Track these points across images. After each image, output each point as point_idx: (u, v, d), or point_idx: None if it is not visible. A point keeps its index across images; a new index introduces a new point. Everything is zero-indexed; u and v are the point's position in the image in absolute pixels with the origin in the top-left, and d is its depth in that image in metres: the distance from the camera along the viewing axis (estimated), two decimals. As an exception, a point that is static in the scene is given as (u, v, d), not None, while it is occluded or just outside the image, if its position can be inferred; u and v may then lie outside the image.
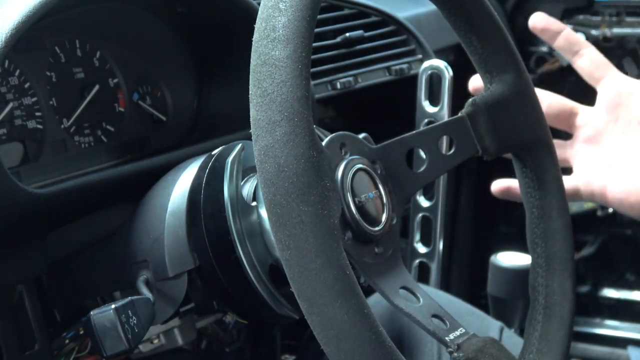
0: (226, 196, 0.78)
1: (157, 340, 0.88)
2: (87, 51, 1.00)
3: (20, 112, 0.92)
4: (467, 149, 0.73)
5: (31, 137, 0.92)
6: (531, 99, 0.82)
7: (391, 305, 0.66)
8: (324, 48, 1.26)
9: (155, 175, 0.88)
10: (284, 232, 0.56)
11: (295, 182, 0.56)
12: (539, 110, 0.82)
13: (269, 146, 0.57)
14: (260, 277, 0.77)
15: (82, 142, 0.98)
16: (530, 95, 0.82)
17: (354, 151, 0.70)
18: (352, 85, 1.24)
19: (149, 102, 1.05)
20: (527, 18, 1.04)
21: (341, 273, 0.57)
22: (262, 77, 0.58)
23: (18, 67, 0.92)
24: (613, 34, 2.00)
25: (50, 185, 0.85)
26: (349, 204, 0.67)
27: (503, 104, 0.79)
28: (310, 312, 0.57)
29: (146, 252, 0.83)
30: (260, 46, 0.59)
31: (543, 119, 0.83)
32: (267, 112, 0.57)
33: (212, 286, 0.81)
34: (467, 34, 0.79)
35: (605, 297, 2.07)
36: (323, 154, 0.59)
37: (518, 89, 0.80)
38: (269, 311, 0.79)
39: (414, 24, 1.41)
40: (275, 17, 0.59)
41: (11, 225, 0.81)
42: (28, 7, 0.81)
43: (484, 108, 0.78)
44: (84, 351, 0.83)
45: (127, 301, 0.77)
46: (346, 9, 1.35)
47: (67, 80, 0.97)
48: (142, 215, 0.85)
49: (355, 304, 0.57)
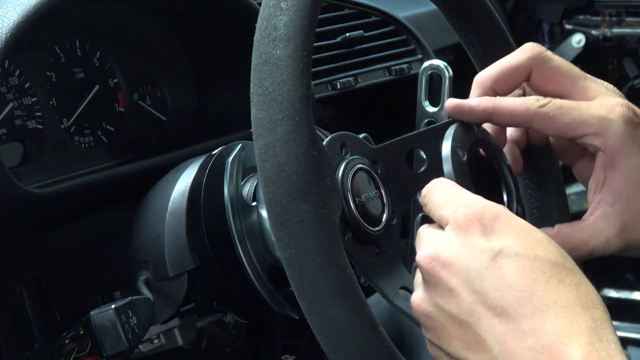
0: (226, 196, 0.78)
1: (157, 340, 0.88)
2: (87, 51, 0.99)
3: (20, 112, 0.92)
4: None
5: (31, 137, 0.92)
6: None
7: (391, 305, 0.66)
8: (324, 48, 1.26)
9: (155, 175, 0.88)
10: (284, 231, 0.56)
11: (296, 182, 0.56)
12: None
13: (269, 145, 0.57)
14: (260, 277, 0.77)
15: (82, 142, 0.97)
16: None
17: (355, 151, 0.69)
18: (352, 85, 1.24)
19: (149, 102, 1.05)
20: (527, 18, 1.03)
21: (341, 273, 0.56)
22: (263, 76, 0.58)
23: (18, 67, 0.92)
24: (613, 34, 2.00)
25: (50, 185, 0.85)
26: (349, 204, 0.67)
27: (503, 103, 0.79)
28: (310, 311, 0.57)
29: (146, 252, 0.83)
30: (262, 45, 0.59)
31: None
32: (267, 111, 0.57)
33: (212, 286, 0.81)
34: (467, 34, 0.79)
35: (605, 297, 2.07)
36: (324, 153, 0.59)
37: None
38: (269, 311, 0.79)
39: (414, 23, 1.40)
40: (276, 16, 0.59)
41: (11, 225, 0.81)
42: (28, 7, 0.81)
43: (484, 108, 0.78)
44: (84, 351, 0.83)
45: (127, 301, 0.77)
46: (346, 9, 1.35)
47: (67, 80, 0.97)
48: (142, 215, 0.85)
49: (355, 304, 0.57)
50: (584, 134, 0.66)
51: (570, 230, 0.68)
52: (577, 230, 0.68)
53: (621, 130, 0.65)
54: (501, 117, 0.68)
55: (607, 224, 0.67)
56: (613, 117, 0.65)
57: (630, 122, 0.66)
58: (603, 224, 0.67)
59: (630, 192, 0.66)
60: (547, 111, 0.66)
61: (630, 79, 2.01)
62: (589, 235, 0.67)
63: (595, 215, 0.67)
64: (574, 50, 2.00)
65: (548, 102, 0.66)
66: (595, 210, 0.68)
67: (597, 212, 0.67)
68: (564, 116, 0.66)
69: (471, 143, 0.70)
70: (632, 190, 0.66)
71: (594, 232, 0.67)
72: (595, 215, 0.67)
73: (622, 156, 0.66)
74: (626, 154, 0.66)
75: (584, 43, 1.99)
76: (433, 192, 0.63)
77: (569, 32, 2.02)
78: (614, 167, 0.66)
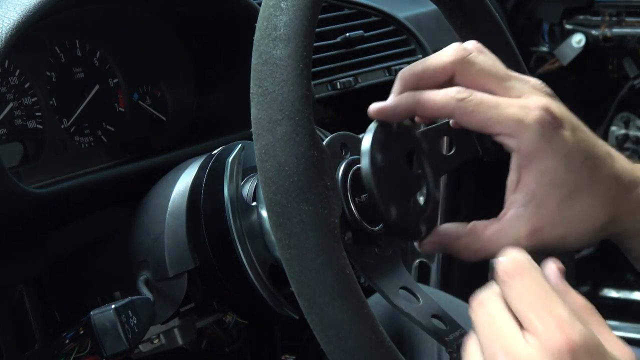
0: (226, 196, 0.78)
1: (157, 340, 0.88)
2: (87, 51, 0.99)
3: (20, 112, 0.92)
4: (467, 149, 0.73)
5: (31, 137, 0.92)
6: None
7: (391, 305, 0.66)
8: (324, 48, 1.26)
9: (155, 175, 0.88)
10: (284, 231, 0.56)
11: (296, 181, 0.56)
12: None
13: (269, 145, 0.57)
14: (260, 277, 0.77)
15: (82, 142, 0.97)
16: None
17: (355, 151, 0.69)
18: (352, 85, 1.24)
19: (149, 102, 1.05)
20: (527, 18, 1.03)
21: (341, 273, 0.56)
22: (263, 76, 0.58)
23: (18, 67, 0.92)
24: (613, 34, 2.00)
25: (50, 185, 0.85)
26: (349, 204, 0.67)
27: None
28: (310, 311, 0.57)
29: (146, 252, 0.83)
30: (262, 45, 0.59)
31: None
32: (268, 111, 0.57)
33: (212, 286, 0.81)
34: (467, 34, 0.79)
35: (605, 297, 2.07)
36: (324, 153, 0.59)
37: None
38: (269, 311, 0.79)
39: (414, 23, 1.41)
40: (276, 16, 0.59)
41: (11, 226, 0.81)
42: (28, 7, 0.81)
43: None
44: (84, 351, 0.83)
45: (127, 301, 0.77)
46: (346, 9, 1.35)
47: (67, 80, 0.97)
48: (142, 215, 0.85)
49: (355, 304, 0.57)
50: (500, 133, 0.66)
51: (483, 228, 0.68)
52: (488, 228, 0.67)
53: (536, 134, 0.65)
54: (423, 111, 0.68)
55: (518, 225, 0.67)
56: (529, 120, 0.65)
57: (546, 126, 0.65)
58: (514, 225, 0.67)
59: (543, 195, 0.66)
60: (466, 106, 0.66)
61: (630, 79, 2.02)
62: (499, 234, 0.67)
63: (508, 215, 0.67)
64: (574, 50, 2.00)
65: (468, 96, 0.66)
66: (508, 210, 0.67)
67: (510, 212, 0.67)
68: (482, 113, 0.66)
69: (391, 140, 0.69)
70: (545, 193, 0.66)
71: (504, 232, 0.67)
72: (509, 215, 0.67)
73: (536, 159, 0.65)
74: (540, 158, 0.65)
75: (584, 43, 2.00)
76: (520, 279, 0.53)
77: (569, 32, 2.02)
78: (528, 169, 0.66)
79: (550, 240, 0.67)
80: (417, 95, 0.68)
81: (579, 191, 0.67)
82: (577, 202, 0.67)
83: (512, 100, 0.67)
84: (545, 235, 0.67)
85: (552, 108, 0.66)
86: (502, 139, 0.67)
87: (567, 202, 0.66)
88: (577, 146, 0.67)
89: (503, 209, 0.69)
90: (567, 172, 0.66)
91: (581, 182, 0.67)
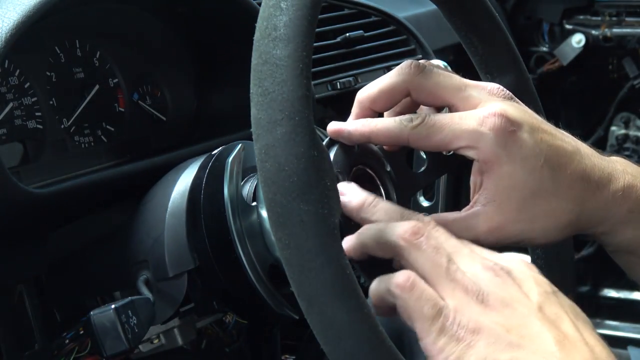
0: (226, 196, 0.78)
1: (157, 340, 0.88)
2: (87, 51, 0.99)
3: (20, 112, 0.92)
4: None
5: (31, 137, 0.92)
6: (531, 99, 0.82)
7: (391, 305, 0.66)
8: (324, 48, 1.26)
9: (155, 175, 0.88)
10: (284, 231, 0.56)
11: (296, 181, 0.56)
12: (539, 111, 0.82)
13: (269, 145, 0.57)
14: (260, 277, 0.77)
15: (82, 142, 0.97)
16: (531, 95, 0.82)
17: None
18: (352, 85, 1.24)
19: (149, 102, 1.05)
20: (527, 18, 1.03)
21: (341, 273, 0.56)
22: (262, 76, 0.58)
23: (18, 67, 0.92)
24: (613, 34, 2.00)
25: (50, 185, 0.85)
26: (349, 204, 0.66)
27: (503, 104, 0.79)
28: (310, 311, 0.57)
29: (146, 252, 0.83)
30: (261, 45, 0.59)
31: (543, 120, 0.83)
32: (267, 111, 0.57)
33: (212, 286, 0.81)
34: (467, 34, 0.79)
35: (605, 297, 2.07)
36: (324, 153, 0.59)
37: (518, 90, 0.80)
38: (269, 311, 0.79)
39: (414, 23, 1.41)
40: (276, 16, 0.59)
41: (11, 225, 0.81)
42: (28, 7, 0.81)
43: (484, 108, 0.78)
44: (84, 351, 0.83)
45: (127, 301, 0.77)
46: (346, 9, 1.35)
47: (67, 80, 0.97)
48: (142, 215, 0.85)
49: (355, 304, 0.56)
50: (458, 147, 0.68)
51: (445, 221, 0.69)
52: (450, 221, 0.69)
53: (492, 142, 0.66)
54: (378, 139, 0.70)
55: (477, 222, 0.68)
56: (484, 129, 0.66)
57: (502, 133, 0.66)
58: (474, 221, 0.68)
59: (502, 198, 0.68)
60: (420, 131, 0.67)
61: (630, 79, 2.02)
62: (459, 228, 0.68)
63: (470, 212, 0.69)
64: (574, 50, 2.00)
65: (421, 122, 0.67)
66: (470, 207, 0.69)
67: (472, 209, 0.69)
68: (437, 134, 0.67)
69: (351, 164, 0.70)
70: (504, 196, 0.68)
71: (463, 227, 0.68)
72: (470, 211, 0.69)
73: (495, 166, 0.67)
74: (498, 164, 0.67)
75: (584, 43, 2.00)
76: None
77: (569, 32, 2.03)
78: (488, 174, 0.68)
79: (513, 237, 0.69)
80: (372, 126, 0.69)
81: (541, 190, 0.68)
82: (540, 201, 0.68)
83: (465, 113, 0.68)
84: (506, 232, 0.69)
85: (508, 112, 0.67)
86: (462, 152, 0.68)
87: (528, 202, 0.68)
88: (536, 147, 0.68)
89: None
90: (526, 174, 0.67)
91: (543, 182, 0.68)
